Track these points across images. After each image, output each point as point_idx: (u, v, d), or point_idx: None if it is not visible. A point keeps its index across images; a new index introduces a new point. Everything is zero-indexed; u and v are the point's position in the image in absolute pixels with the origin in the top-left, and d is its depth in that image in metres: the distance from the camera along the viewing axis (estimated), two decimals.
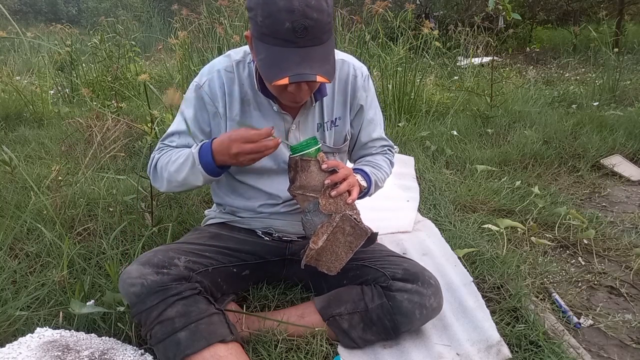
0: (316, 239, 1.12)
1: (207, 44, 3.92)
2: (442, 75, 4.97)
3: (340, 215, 1.11)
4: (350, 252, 1.15)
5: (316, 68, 0.99)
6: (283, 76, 0.98)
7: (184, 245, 1.24)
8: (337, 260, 1.15)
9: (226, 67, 1.23)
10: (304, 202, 1.14)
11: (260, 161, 1.28)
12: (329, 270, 1.17)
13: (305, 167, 1.11)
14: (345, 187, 1.12)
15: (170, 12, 6.94)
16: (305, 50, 0.99)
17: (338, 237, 1.13)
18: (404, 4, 4.08)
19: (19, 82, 4.17)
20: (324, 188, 1.11)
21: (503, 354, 1.20)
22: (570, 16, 8.09)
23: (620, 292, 1.55)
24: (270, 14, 0.96)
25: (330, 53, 1.04)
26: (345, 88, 1.30)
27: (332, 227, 1.11)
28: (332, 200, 1.12)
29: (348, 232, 1.13)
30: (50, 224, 1.68)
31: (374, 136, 1.41)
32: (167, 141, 1.29)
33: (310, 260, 1.14)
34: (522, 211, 2.08)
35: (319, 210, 1.11)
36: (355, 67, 1.31)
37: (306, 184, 1.12)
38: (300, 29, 0.96)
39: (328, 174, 1.12)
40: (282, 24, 0.96)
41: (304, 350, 1.21)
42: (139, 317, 1.09)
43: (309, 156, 1.10)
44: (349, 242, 1.14)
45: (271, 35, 0.98)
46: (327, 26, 1.01)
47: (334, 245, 1.14)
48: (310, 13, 0.96)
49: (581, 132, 3.00)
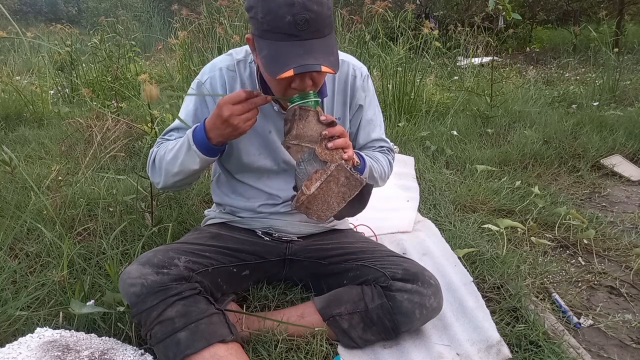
0: (309, 184, 1.08)
1: (207, 44, 3.92)
2: (442, 75, 4.97)
3: (335, 164, 1.08)
4: (343, 202, 1.11)
5: (320, 59, 0.99)
6: (287, 69, 0.97)
7: (184, 245, 1.24)
8: (329, 209, 1.11)
9: (228, 66, 1.24)
10: (297, 153, 1.11)
11: (260, 160, 1.28)
12: (319, 217, 1.12)
13: (303, 116, 1.08)
14: (342, 142, 1.09)
15: (170, 12, 6.93)
16: (308, 43, 0.98)
17: (331, 186, 1.09)
18: (404, 4, 4.08)
19: (19, 82, 4.16)
20: (321, 138, 1.08)
21: (503, 354, 1.20)
22: (570, 16, 8.09)
23: (620, 292, 1.55)
24: (271, 9, 0.96)
25: (332, 46, 1.04)
26: (344, 88, 1.30)
27: (326, 174, 1.08)
28: (329, 152, 1.09)
29: (342, 183, 1.09)
30: (50, 224, 1.68)
31: (373, 137, 1.40)
32: (167, 136, 1.29)
33: (301, 206, 1.11)
34: (522, 211, 2.08)
35: (314, 159, 1.09)
36: (354, 67, 1.31)
37: (302, 134, 1.09)
38: (302, 21, 0.96)
39: (325, 126, 1.09)
40: (282, 18, 0.95)
41: (304, 350, 1.20)
42: (139, 317, 1.08)
43: (308, 106, 1.08)
44: (342, 193, 1.10)
45: (272, 31, 0.98)
46: (328, 19, 1.01)
47: (326, 195, 1.10)
48: (311, 5, 0.96)
49: (581, 132, 3.00)
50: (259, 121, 1.23)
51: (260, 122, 1.23)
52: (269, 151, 1.28)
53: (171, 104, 2.64)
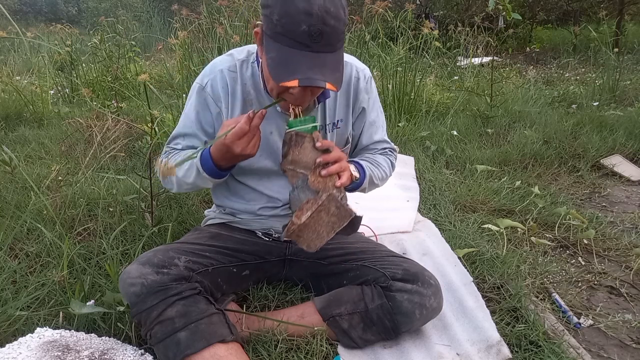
0: (300, 213, 1.10)
1: (207, 44, 3.92)
2: (442, 75, 4.97)
3: (327, 194, 1.10)
4: (332, 232, 1.12)
5: (327, 75, 0.98)
6: (292, 78, 0.97)
7: (184, 245, 1.24)
8: (318, 238, 1.13)
9: (229, 67, 1.23)
10: (293, 178, 1.13)
11: (260, 161, 1.27)
12: (309, 247, 1.14)
13: (299, 142, 1.09)
14: (336, 168, 1.11)
15: (170, 12, 6.93)
16: (317, 56, 0.98)
17: (322, 215, 1.11)
18: (404, 4, 4.08)
19: (19, 82, 4.16)
20: (315, 166, 1.10)
21: (503, 354, 1.20)
22: (570, 16, 8.09)
23: (620, 292, 1.55)
24: (288, 14, 0.95)
25: (340, 61, 1.04)
26: (347, 90, 1.29)
27: (317, 204, 1.10)
28: (322, 179, 1.10)
29: (332, 213, 1.11)
30: (50, 224, 1.68)
31: (376, 139, 1.40)
32: (173, 144, 1.29)
33: (291, 235, 1.12)
34: (522, 211, 2.08)
35: (307, 187, 1.10)
36: (358, 69, 1.30)
37: (298, 160, 1.10)
38: (317, 33, 0.95)
39: (321, 152, 1.10)
40: (298, 26, 0.95)
41: (304, 350, 1.21)
42: (139, 317, 1.08)
43: (304, 132, 1.09)
44: (332, 222, 1.12)
45: (285, 36, 0.97)
46: (342, 35, 1.01)
47: (317, 224, 1.12)
48: (328, 19, 0.95)
49: (581, 132, 3.00)
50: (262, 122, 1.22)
51: (262, 123, 1.22)
52: (269, 152, 1.27)
53: (171, 104, 2.64)
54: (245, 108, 1.23)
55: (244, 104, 1.23)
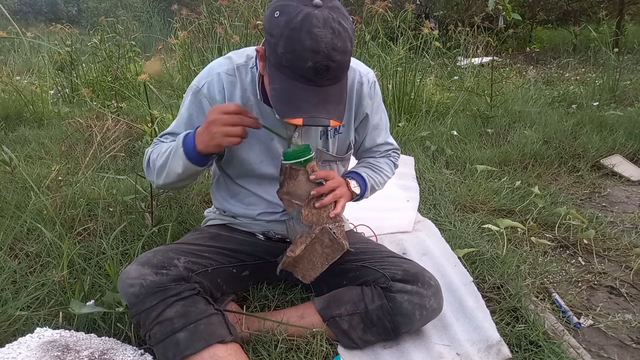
0: (294, 247, 1.15)
1: (207, 44, 3.92)
2: (442, 75, 4.97)
3: (320, 227, 1.13)
4: (326, 263, 1.18)
5: (331, 111, 0.98)
6: (298, 116, 0.96)
7: (184, 246, 1.24)
8: (313, 269, 1.18)
9: (227, 71, 1.19)
10: (289, 207, 1.16)
11: (262, 167, 1.26)
12: (304, 277, 1.20)
13: (293, 175, 1.11)
14: (330, 199, 1.13)
15: (170, 12, 6.93)
16: (322, 90, 0.97)
17: (316, 247, 1.16)
18: (404, 4, 4.08)
19: (19, 82, 4.16)
20: (309, 199, 1.12)
21: (503, 354, 1.20)
22: (570, 16, 8.09)
23: (620, 292, 1.55)
24: (294, 50, 0.93)
25: (344, 90, 1.03)
26: (350, 95, 1.26)
27: (310, 238, 1.14)
28: (315, 211, 1.14)
29: (326, 244, 1.16)
30: (50, 224, 1.68)
31: (379, 142, 1.40)
32: (162, 139, 1.27)
33: (287, 266, 1.17)
34: (522, 211, 2.08)
35: (302, 220, 1.13)
36: (361, 73, 1.27)
37: (293, 192, 1.12)
38: (322, 70, 0.94)
39: (315, 184, 1.13)
40: (304, 62, 0.93)
41: (304, 351, 1.21)
42: (138, 318, 1.08)
43: (298, 165, 1.10)
44: (326, 254, 1.17)
45: (290, 69, 0.96)
46: (348, 65, 1.00)
47: (311, 255, 1.17)
48: (335, 55, 0.94)
49: (581, 132, 3.00)
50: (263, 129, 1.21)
51: (263, 130, 1.22)
52: (270, 159, 1.25)
53: (171, 104, 2.64)
54: None
55: None
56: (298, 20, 0.93)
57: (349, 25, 0.99)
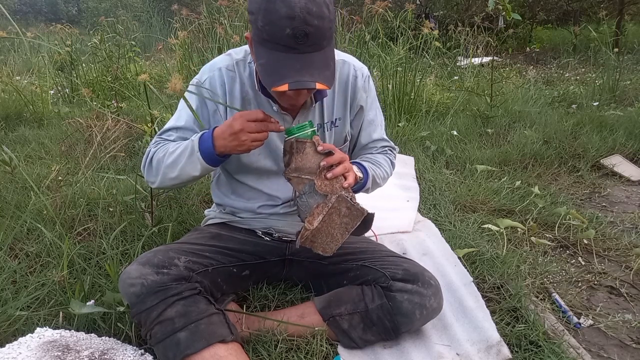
0: (311, 219, 1.09)
1: (207, 44, 3.92)
2: (442, 75, 4.97)
3: (336, 195, 1.09)
4: (346, 233, 1.12)
5: (316, 75, 0.99)
6: (282, 83, 0.97)
7: (184, 246, 1.24)
8: (333, 241, 1.13)
9: (227, 66, 1.23)
10: (298, 185, 1.12)
11: (260, 161, 1.28)
12: (324, 251, 1.14)
13: (300, 149, 1.10)
14: (341, 170, 1.11)
15: (170, 12, 6.93)
16: (305, 57, 0.98)
17: (334, 218, 1.11)
18: (404, 4, 4.08)
19: (19, 82, 4.16)
20: (320, 169, 1.10)
21: (503, 354, 1.20)
22: (570, 16, 8.09)
23: (620, 292, 1.55)
24: (271, 20, 0.96)
25: (330, 59, 1.04)
26: (345, 89, 1.30)
27: (327, 207, 1.09)
28: (328, 182, 1.10)
29: (344, 214, 1.11)
30: (50, 224, 1.68)
31: (375, 137, 1.40)
32: (165, 135, 1.27)
33: (305, 241, 1.12)
34: (522, 211, 2.08)
35: (314, 192, 1.09)
36: (355, 67, 1.31)
37: (301, 166, 1.10)
38: (301, 35, 0.96)
39: (324, 156, 1.10)
40: (282, 31, 0.95)
41: (304, 350, 1.21)
42: (139, 317, 1.08)
43: (304, 138, 1.09)
44: (345, 223, 1.11)
45: (271, 41, 0.98)
46: (328, 32, 1.01)
47: (329, 227, 1.11)
48: (311, 20, 0.95)
49: (581, 132, 3.00)
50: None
51: None
52: (268, 151, 1.28)
53: (171, 104, 2.64)
54: (244, 107, 1.24)
55: (242, 102, 1.24)
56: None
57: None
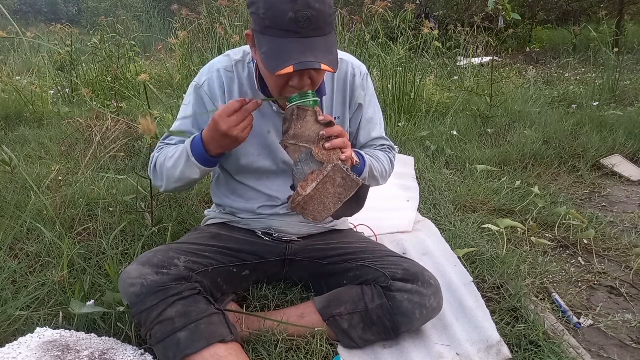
0: (305, 184, 1.08)
1: (207, 44, 3.92)
2: (442, 75, 4.97)
3: (332, 165, 1.08)
4: (339, 202, 1.10)
5: (320, 57, 0.99)
6: (287, 65, 0.97)
7: (184, 246, 1.24)
8: (325, 209, 1.11)
9: (226, 67, 1.24)
10: (295, 153, 1.11)
11: (259, 161, 1.28)
12: (315, 218, 1.12)
13: (301, 116, 1.08)
14: (340, 142, 1.09)
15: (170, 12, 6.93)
16: (308, 41, 0.99)
17: (328, 187, 1.09)
18: (404, 4, 4.08)
19: (19, 82, 4.16)
20: (319, 138, 1.08)
21: (503, 354, 1.20)
22: (570, 16, 8.09)
23: (620, 292, 1.55)
24: (273, 5, 0.97)
25: (333, 45, 1.04)
26: (344, 87, 1.30)
27: (323, 175, 1.08)
28: (326, 152, 1.09)
29: (339, 183, 1.09)
30: (50, 224, 1.68)
31: (374, 135, 1.40)
32: (167, 140, 1.30)
33: (297, 207, 1.11)
34: (522, 211, 2.08)
35: (311, 159, 1.09)
36: (354, 65, 1.31)
37: (300, 134, 1.09)
38: (303, 19, 0.96)
39: (324, 126, 1.09)
40: (284, 15, 0.96)
41: (304, 350, 1.20)
42: (139, 317, 1.08)
43: (307, 105, 1.08)
44: (339, 194, 1.10)
45: (274, 27, 0.98)
46: (329, 18, 1.01)
47: (323, 195, 1.10)
48: (313, 3, 0.96)
49: (581, 132, 3.00)
50: (258, 121, 1.23)
51: (258, 123, 1.23)
52: (268, 152, 1.28)
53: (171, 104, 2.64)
54: None
55: None
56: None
57: None
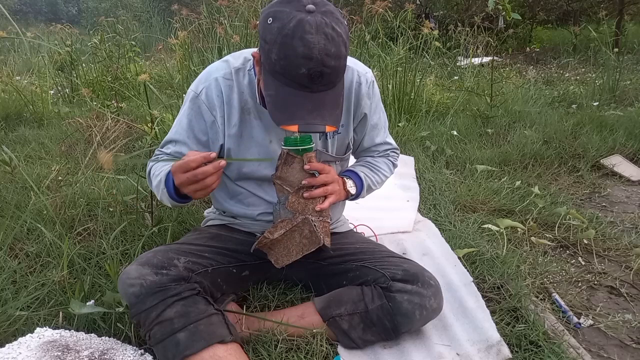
0: (273, 229, 1.16)
1: (207, 44, 3.92)
2: (442, 75, 4.97)
3: (302, 217, 1.14)
4: (301, 253, 1.18)
5: (326, 117, 0.97)
6: (293, 123, 0.96)
7: (184, 246, 1.24)
8: (287, 255, 1.19)
9: (224, 75, 1.20)
10: (279, 192, 1.17)
11: (261, 170, 1.26)
12: (276, 262, 1.20)
13: (289, 162, 1.13)
14: (319, 192, 1.14)
15: (170, 12, 6.94)
16: (317, 96, 0.97)
17: (295, 236, 1.17)
18: (404, 4, 4.08)
19: (19, 82, 4.16)
20: (298, 187, 1.13)
21: (503, 354, 1.20)
22: (570, 16, 8.08)
23: (620, 292, 1.55)
24: (287, 56, 0.93)
25: (340, 96, 1.02)
26: (349, 96, 1.26)
27: (291, 225, 1.16)
28: (303, 201, 1.15)
29: (305, 235, 1.17)
30: (50, 224, 1.68)
31: (377, 141, 1.40)
32: (164, 149, 1.26)
33: (263, 247, 1.19)
34: (522, 211, 2.08)
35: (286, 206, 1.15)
36: (360, 73, 1.27)
37: (285, 177, 1.14)
38: (317, 76, 0.94)
39: (309, 175, 1.13)
40: (297, 69, 0.93)
41: (304, 351, 1.21)
42: (138, 318, 1.08)
43: (296, 153, 1.12)
44: (303, 244, 1.18)
45: (284, 76, 0.96)
46: (343, 70, 0.99)
47: (288, 242, 1.18)
48: (329, 61, 0.93)
49: (581, 132, 3.00)
50: (260, 132, 1.22)
51: (260, 133, 1.22)
52: (270, 162, 1.25)
53: (171, 104, 2.64)
54: (243, 116, 1.21)
55: (241, 112, 1.21)
56: (291, 27, 0.93)
57: (343, 29, 0.98)
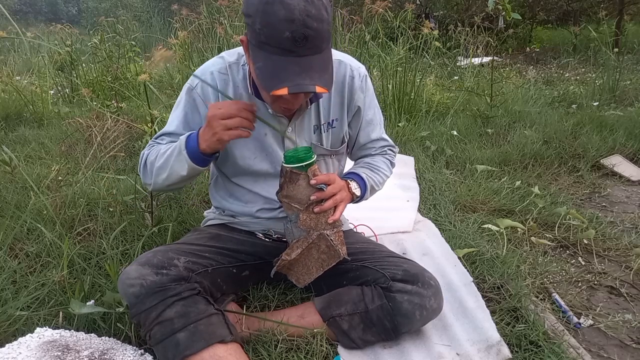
0: (290, 251, 1.15)
1: (207, 44, 3.93)
2: (442, 75, 4.97)
3: (318, 233, 1.13)
4: (322, 269, 1.18)
5: (315, 78, 0.98)
6: (282, 86, 0.96)
7: (184, 246, 1.24)
8: (308, 274, 1.19)
9: (220, 69, 1.21)
10: (288, 210, 1.16)
11: (256, 164, 1.26)
12: (298, 281, 1.20)
13: (294, 179, 1.11)
14: (330, 204, 1.14)
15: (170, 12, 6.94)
16: (304, 60, 0.97)
17: (312, 252, 1.16)
18: (404, 4, 4.09)
19: (19, 82, 4.16)
20: (308, 204, 1.12)
21: (503, 354, 1.20)
22: (570, 16, 8.08)
23: (620, 292, 1.55)
24: (270, 23, 0.94)
25: (328, 62, 1.03)
26: (342, 89, 1.28)
27: (307, 243, 1.14)
28: (314, 216, 1.13)
29: (322, 250, 1.16)
30: (50, 224, 1.68)
31: (373, 137, 1.40)
32: (158, 140, 1.27)
33: (282, 269, 1.18)
34: (522, 211, 2.08)
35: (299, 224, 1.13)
36: (352, 67, 1.28)
37: (292, 195, 1.12)
38: (300, 38, 0.94)
39: (316, 189, 1.12)
40: (281, 33, 0.94)
41: (304, 351, 1.21)
42: (138, 318, 1.08)
43: (300, 170, 1.10)
44: (322, 260, 1.17)
45: (270, 44, 0.96)
46: (327, 35, 1.00)
47: (307, 260, 1.17)
48: (311, 23, 0.94)
49: (581, 132, 3.00)
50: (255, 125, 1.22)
51: (255, 126, 1.22)
52: (265, 154, 1.26)
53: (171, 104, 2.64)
54: None
55: None
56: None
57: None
